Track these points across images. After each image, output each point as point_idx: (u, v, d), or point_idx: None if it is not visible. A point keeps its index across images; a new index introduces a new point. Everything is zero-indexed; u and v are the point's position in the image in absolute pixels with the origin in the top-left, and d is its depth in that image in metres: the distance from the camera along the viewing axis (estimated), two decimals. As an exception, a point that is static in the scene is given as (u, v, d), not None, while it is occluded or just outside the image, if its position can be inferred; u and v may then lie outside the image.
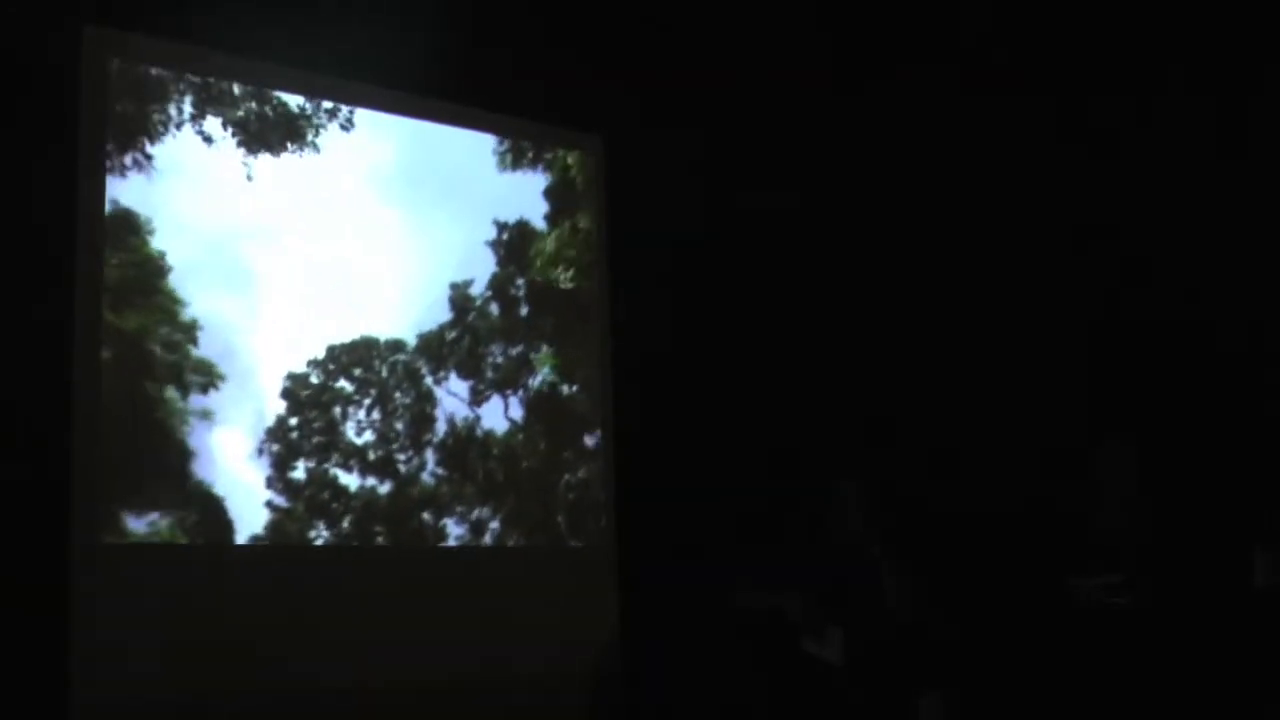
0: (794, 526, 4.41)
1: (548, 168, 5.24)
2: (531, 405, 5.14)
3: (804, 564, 4.10)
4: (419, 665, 4.39)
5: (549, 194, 5.26)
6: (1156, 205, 4.80)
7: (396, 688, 4.33)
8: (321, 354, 4.61)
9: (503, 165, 5.16)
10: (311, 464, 4.56)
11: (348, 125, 4.75)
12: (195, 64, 4.35)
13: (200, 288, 4.27)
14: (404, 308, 4.81)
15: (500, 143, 5.14)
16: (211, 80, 4.40)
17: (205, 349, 4.27)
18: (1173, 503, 3.90)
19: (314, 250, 4.57)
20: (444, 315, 4.93)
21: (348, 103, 4.69)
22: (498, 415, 5.04)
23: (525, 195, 5.20)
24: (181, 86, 4.34)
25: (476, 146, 5.06)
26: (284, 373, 4.50)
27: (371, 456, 4.72)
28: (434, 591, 4.60)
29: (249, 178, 4.48)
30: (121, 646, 3.86)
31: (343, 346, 4.66)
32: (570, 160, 5.34)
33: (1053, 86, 5.14)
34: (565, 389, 5.23)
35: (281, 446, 4.49)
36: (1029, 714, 3.81)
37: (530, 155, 5.23)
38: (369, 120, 4.76)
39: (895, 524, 4.14)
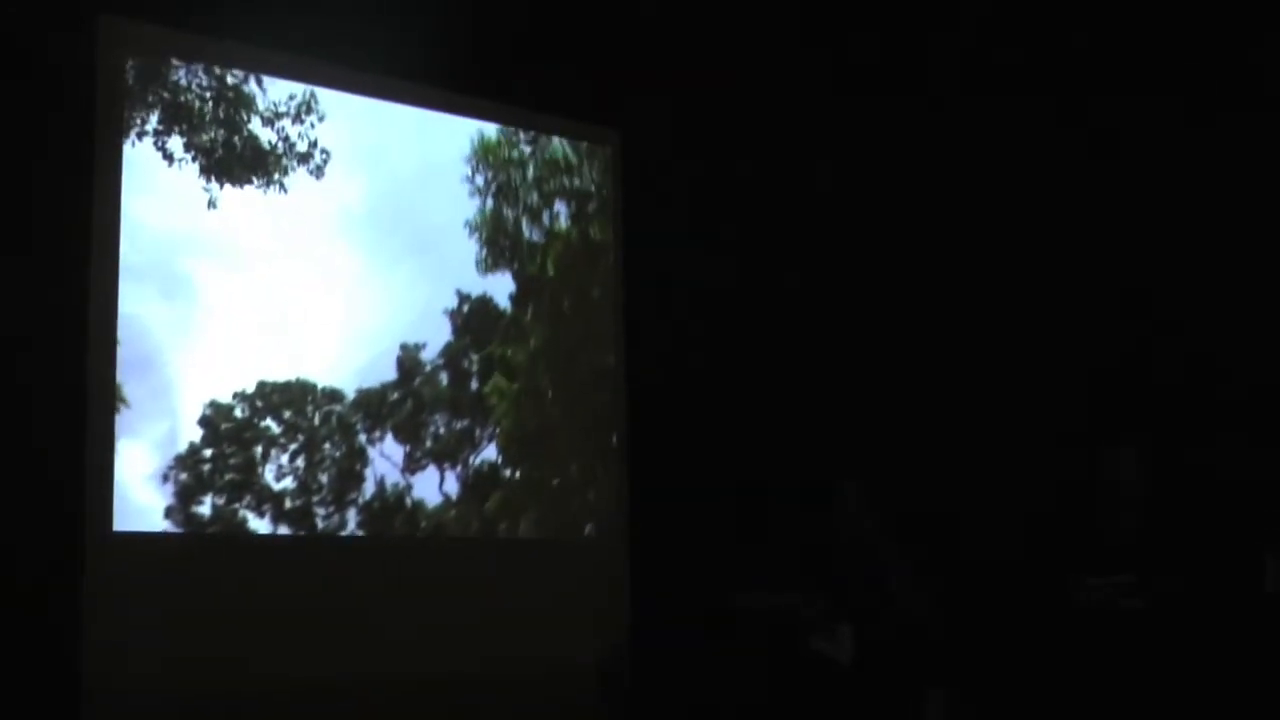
0: (802, 526, 4.29)
1: (522, 269, 5.12)
2: (470, 483, 4.88)
3: (812, 563, 4.05)
4: (425, 659, 4.35)
5: (520, 281, 5.14)
6: (1163, 207, 4.79)
7: (403, 681, 4.28)
8: (251, 388, 4.41)
9: (482, 269, 5.06)
10: (220, 501, 4.31)
11: (318, 173, 4.68)
12: (198, 51, 4.35)
13: (130, 288, 4.12)
14: (347, 358, 4.63)
15: (481, 248, 5.05)
16: (183, 99, 4.38)
17: (123, 354, 4.09)
18: (1182, 505, 3.86)
19: (262, 277, 4.43)
20: (389, 374, 4.74)
21: (362, 94, 4.67)
22: (431, 487, 4.79)
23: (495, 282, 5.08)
24: (150, 100, 4.31)
25: (456, 209, 4.95)
26: (206, 399, 4.30)
27: (288, 505, 4.46)
28: (444, 585, 4.53)
29: (212, 204, 4.39)
30: (133, 636, 3.85)
31: (275, 385, 4.47)
32: (550, 258, 5.25)
33: (1055, 87, 5.15)
34: (508, 473, 4.97)
35: (190, 477, 4.24)
36: (1036, 714, 3.73)
37: (508, 253, 5.14)
38: (344, 166, 4.67)
39: (904, 524, 4.11)
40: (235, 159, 4.49)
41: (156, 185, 4.24)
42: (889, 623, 3.86)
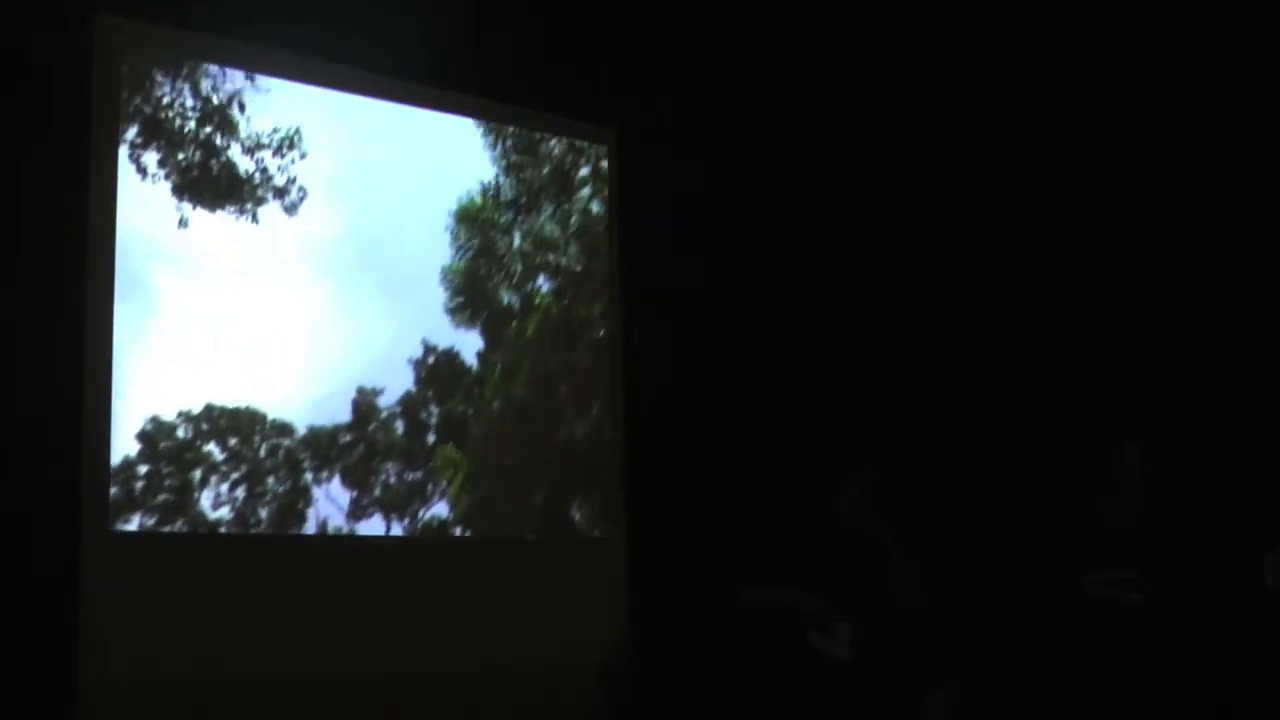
0: (803, 523, 4.15)
1: (496, 329, 5.04)
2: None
3: (812, 560, 3.95)
4: (426, 658, 4.33)
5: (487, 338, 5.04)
6: (1165, 202, 4.76)
7: (404, 681, 4.27)
8: (197, 409, 4.26)
9: (456, 321, 4.98)
10: (150, 521, 4.11)
11: (292, 209, 4.61)
12: (196, 52, 4.35)
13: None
14: (301, 392, 4.49)
15: (451, 298, 4.98)
16: (163, 116, 4.35)
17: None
18: (1183, 502, 3.82)
19: (225, 298, 4.32)
20: (343, 415, 4.60)
21: (359, 92, 4.65)
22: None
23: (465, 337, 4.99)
24: (130, 110, 4.28)
25: (434, 258, 4.87)
26: (148, 414, 4.15)
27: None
28: (445, 585, 4.50)
29: (183, 222, 4.33)
30: (130, 635, 3.84)
31: (223, 410, 4.32)
32: (529, 324, 5.16)
33: (1058, 86, 5.16)
34: (459, 530, 4.78)
35: (120, 492, 4.06)
36: (1037, 711, 3.63)
37: (484, 312, 5.05)
38: (324, 200, 4.60)
39: (905, 521, 4.04)
40: (210, 183, 4.44)
41: (128, 191, 4.17)
42: (889, 620, 3.81)
